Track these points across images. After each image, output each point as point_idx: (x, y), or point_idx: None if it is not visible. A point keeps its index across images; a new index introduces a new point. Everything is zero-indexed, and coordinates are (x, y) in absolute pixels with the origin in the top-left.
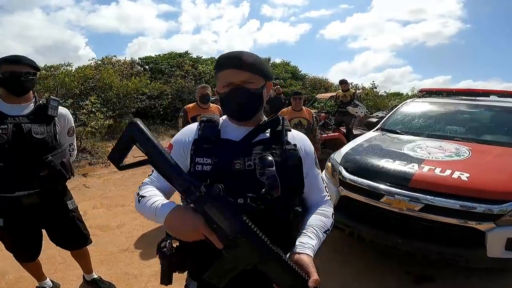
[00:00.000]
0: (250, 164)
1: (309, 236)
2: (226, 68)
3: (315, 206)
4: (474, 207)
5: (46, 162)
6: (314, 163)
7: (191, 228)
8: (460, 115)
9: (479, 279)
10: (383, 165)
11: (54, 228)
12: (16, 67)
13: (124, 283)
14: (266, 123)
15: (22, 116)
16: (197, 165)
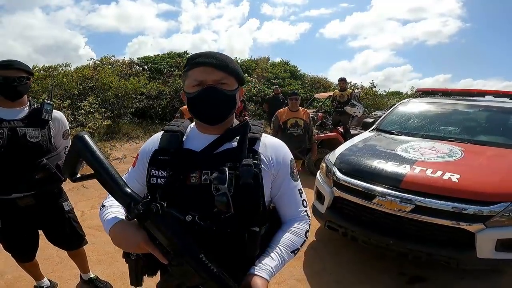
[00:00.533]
0: (206, 178)
1: (271, 257)
2: (198, 66)
3: (289, 222)
4: (464, 208)
5: (41, 165)
6: (289, 174)
7: (131, 243)
8: (455, 116)
9: (472, 279)
10: (376, 166)
11: (51, 229)
12: (9, 72)
13: (120, 282)
14: (233, 131)
15: (17, 120)
16: (152, 177)
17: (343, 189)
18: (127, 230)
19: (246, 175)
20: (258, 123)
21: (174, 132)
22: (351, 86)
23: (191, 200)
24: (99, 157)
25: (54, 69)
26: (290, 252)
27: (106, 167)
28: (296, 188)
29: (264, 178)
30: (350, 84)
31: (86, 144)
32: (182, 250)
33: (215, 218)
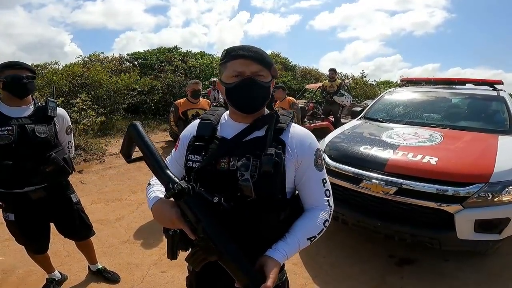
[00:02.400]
0: (234, 164)
1: (286, 242)
2: (238, 58)
3: (310, 210)
4: (443, 189)
5: (50, 159)
6: (313, 163)
7: (167, 219)
8: (437, 103)
9: (457, 262)
10: (362, 151)
11: (62, 220)
12: (18, 71)
13: (126, 271)
14: (262, 120)
15: (25, 117)
16: (188, 161)
17: (333, 174)
18: (164, 207)
19: (267, 163)
20: (287, 113)
21: (209, 121)
22: (342, 76)
23: (219, 183)
24: (147, 142)
25: (42, 67)
26: (306, 239)
27: (153, 151)
28: (319, 178)
29: (288, 166)
30: (340, 74)
31: (138, 131)
32: (206, 228)
33: (238, 201)
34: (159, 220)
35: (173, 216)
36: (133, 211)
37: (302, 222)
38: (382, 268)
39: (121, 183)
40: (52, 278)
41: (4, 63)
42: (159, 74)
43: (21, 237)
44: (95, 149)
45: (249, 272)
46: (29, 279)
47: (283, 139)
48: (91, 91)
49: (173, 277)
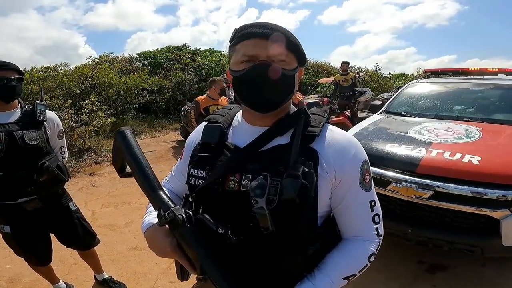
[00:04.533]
0: (246, 184)
1: (314, 282)
2: (250, 38)
3: (350, 240)
4: (487, 193)
5: (44, 168)
6: (358, 181)
7: (159, 250)
8: (468, 95)
9: (496, 267)
10: (388, 150)
11: (62, 230)
12: (6, 73)
13: (134, 282)
14: (286, 122)
15: (11, 123)
16: (191, 177)
17: None
18: (157, 236)
19: (290, 189)
20: (320, 111)
21: (217, 124)
22: (356, 70)
23: (227, 208)
24: (135, 155)
25: (53, 69)
26: (342, 279)
27: (142, 167)
28: (366, 200)
29: (321, 186)
30: (354, 68)
31: (125, 139)
32: (206, 268)
33: (251, 234)
34: (153, 250)
35: (167, 248)
36: (142, 215)
37: (339, 256)
38: (411, 275)
39: (131, 186)
40: None
41: None
42: (169, 72)
43: (19, 249)
44: (106, 150)
45: None
46: None
47: (315, 148)
48: (101, 92)
49: None
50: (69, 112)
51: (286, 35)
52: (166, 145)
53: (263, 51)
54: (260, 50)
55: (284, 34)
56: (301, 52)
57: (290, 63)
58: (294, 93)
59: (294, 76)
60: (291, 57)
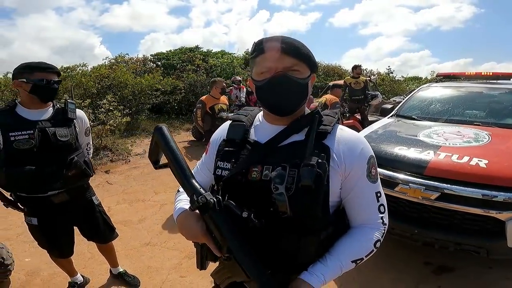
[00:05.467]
0: (267, 174)
1: (326, 264)
2: (268, 52)
3: (358, 227)
4: (493, 195)
5: (73, 163)
6: (365, 174)
7: (191, 233)
8: (480, 99)
9: (502, 269)
10: (397, 152)
11: (85, 223)
12: (49, 75)
13: (147, 276)
14: (301, 121)
15: (45, 120)
16: (217, 169)
17: None
18: (188, 220)
19: (307, 176)
20: (332, 112)
21: (240, 123)
22: (368, 73)
23: (250, 196)
24: (172, 148)
25: (72, 69)
26: (350, 262)
27: (178, 158)
28: (372, 191)
29: (332, 177)
30: (365, 71)
31: (163, 135)
32: (232, 248)
33: (271, 218)
34: (183, 234)
35: (197, 231)
36: (155, 212)
37: (348, 241)
38: (417, 276)
39: (144, 184)
40: (75, 282)
41: (33, 63)
42: (181, 74)
43: (44, 241)
44: (121, 149)
45: None
46: (52, 282)
47: (327, 144)
48: (117, 92)
49: (192, 283)
50: (87, 111)
51: (298, 47)
52: (178, 145)
53: (279, 63)
54: (276, 62)
55: (296, 46)
56: (313, 61)
57: (303, 72)
58: (308, 97)
59: (307, 83)
60: (303, 66)
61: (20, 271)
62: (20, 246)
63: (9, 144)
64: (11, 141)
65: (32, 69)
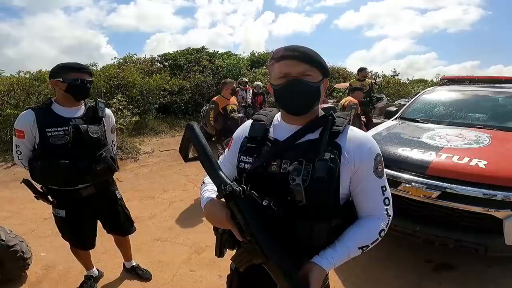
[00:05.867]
0: (285, 168)
1: (335, 249)
2: (284, 59)
3: (365, 218)
4: (492, 194)
5: (102, 158)
6: (372, 170)
7: (217, 219)
8: (482, 103)
9: (500, 268)
10: (400, 153)
11: (107, 216)
12: (84, 75)
13: (158, 269)
14: (316, 122)
15: (78, 118)
16: (240, 162)
17: None
18: (215, 207)
19: (321, 169)
20: (344, 115)
21: (261, 122)
22: (372, 75)
23: (269, 186)
24: (202, 144)
25: None
26: (357, 248)
27: (207, 153)
28: (378, 185)
29: (343, 172)
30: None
31: (195, 132)
32: (254, 231)
33: (288, 206)
34: (209, 220)
35: (223, 217)
36: (164, 209)
37: (355, 229)
38: (418, 273)
39: (153, 182)
40: (90, 275)
41: (69, 64)
42: (188, 74)
43: (68, 232)
44: (130, 148)
45: (293, 279)
46: (68, 276)
47: (339, 142)
48: (125, 91)
49: (201, 277)
50: None
51: (311, 55)
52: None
53: (294, 69)
54: (292, 68)
55: (309, 54)
56: (324, 66)
57: (316, 77)
58: (322, 98)
59: (319, 87)
60: (316, 72)
61: (36, 265)
62: (35, 241)
63: (46, 140)
64: (48, 136)
65: (67, 70)
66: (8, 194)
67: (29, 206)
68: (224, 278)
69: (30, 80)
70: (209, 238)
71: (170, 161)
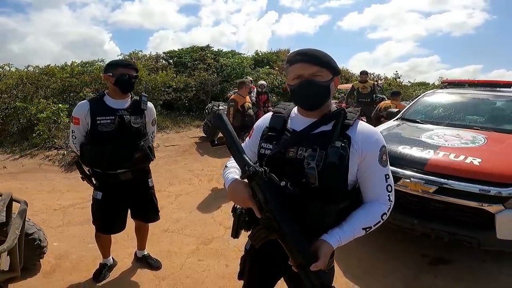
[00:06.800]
0: (301, 154)
1: (341, 229)
2: (296, 63)
3: (369, 202)
4: (485, 189)
5: (140, 146)
6: (377, 159)
7: (239, 197)
8: (480, 106)
9: (494, 262)
10: (401, 151)
11: (137, 201)
12: (130, 71)
13: (167, 259)
14: (330, 116)
15: (124, 109)
16: (261, 148)
17: None
18: (238, 186)
19: (333, 155)
20: (354, 110)
21: (281, 114)
22: (374, 77)
23: (286, 170)
24: (229, 129)
25: (90, 64)
26: (361, 229)
27: (234, 138)
28: (382, 173)
29: (352, 159)
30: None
31: (223, 120)
32: (272, 208)
33: (302, 187)
34: (233, 198)
35: (245, 195)
36: (171, 202)
37: (360, 212)
38: (415, 266)
39: (159, 175)
40: (105, 263)
41: (117, 61)
42: (193, 72)
43: (100, 215)
44: None
45: (305, 251)
46: (81, 265)
47: (349, 134)
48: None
49: (209, 266)
50: None
51: (319, 57)
52: (189, 140)
53: (305, 71)
54: (303, 70)
55: (318, 56)
56: (333, 66)
57: (325, 76)
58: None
59: (329, 85)
60: (325, 72)
61: (49, 255)
62: (47, 231)
63: (95, 126)
64: (97, 124)
65: (116, 66)
66: (17, 185)
67: (38, 197)
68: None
69: (39, 74)
70: (215, 230)
71: (175, 156)
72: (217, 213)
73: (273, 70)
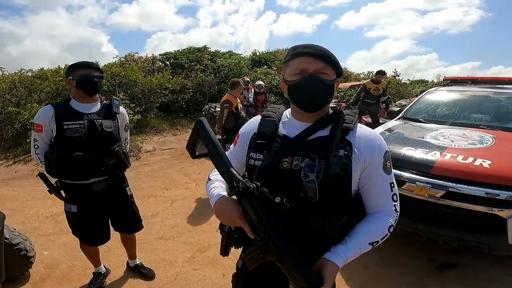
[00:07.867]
0: (297, 164)
1: (346, 245)
2: (302, 56)
3: (374, 213)
4: (496, 194)
5: (114, 152)
6: (381, 166)
7: (228, 217)
8: (485, 103)
9: (503, 266)
10: (404, 153)
11: (116, 213)
12: (90, 71)
13: (161, 268)
14: (326, 119)
15: (93, 113)
16: (250, 159)
17: None
18: (226, 204)
19: (336, 165)
20: (352, 112)
21: (270, 118)
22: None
23: (281, 183)
24: (213, 139)
25: None
26: (368, 244)
27: (218, 148)
28: (387, 181)
29: (354, 168)
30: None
31: (204, 127)
32: (268, 228)
33: (300, 202)
34: (220, 217)
35: (235, 214)
36: (167, 208)
37: (366, 225)
38: (421, 272)
39: (155, 180)
40: (99, 272)
41: (77, 63)
42: (190, 73)
43: (79, 228)
44: (131, 146)
45: (307, 274)
46: (71, 274)
47: (349, 140)
48: (127, 90)
49: (204, 275)
50: None
51: (327, 54)
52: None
53: (311, 66)
54: (309, 65)
55: (326, 53)
56: (339, 66)
57: (330, 75)
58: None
59: (333, 85)
60: (331, 70)
61: (39, 264)
62: (37, 240)
63: (62, 132)
64: (64, 129)
65: (75, 68)
66: (10, 192)
67: (30, 204)
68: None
69: (32, 78)
70: (212, 237)
71: (172, 159)
72: (214, 219)
73: (271, 70)
